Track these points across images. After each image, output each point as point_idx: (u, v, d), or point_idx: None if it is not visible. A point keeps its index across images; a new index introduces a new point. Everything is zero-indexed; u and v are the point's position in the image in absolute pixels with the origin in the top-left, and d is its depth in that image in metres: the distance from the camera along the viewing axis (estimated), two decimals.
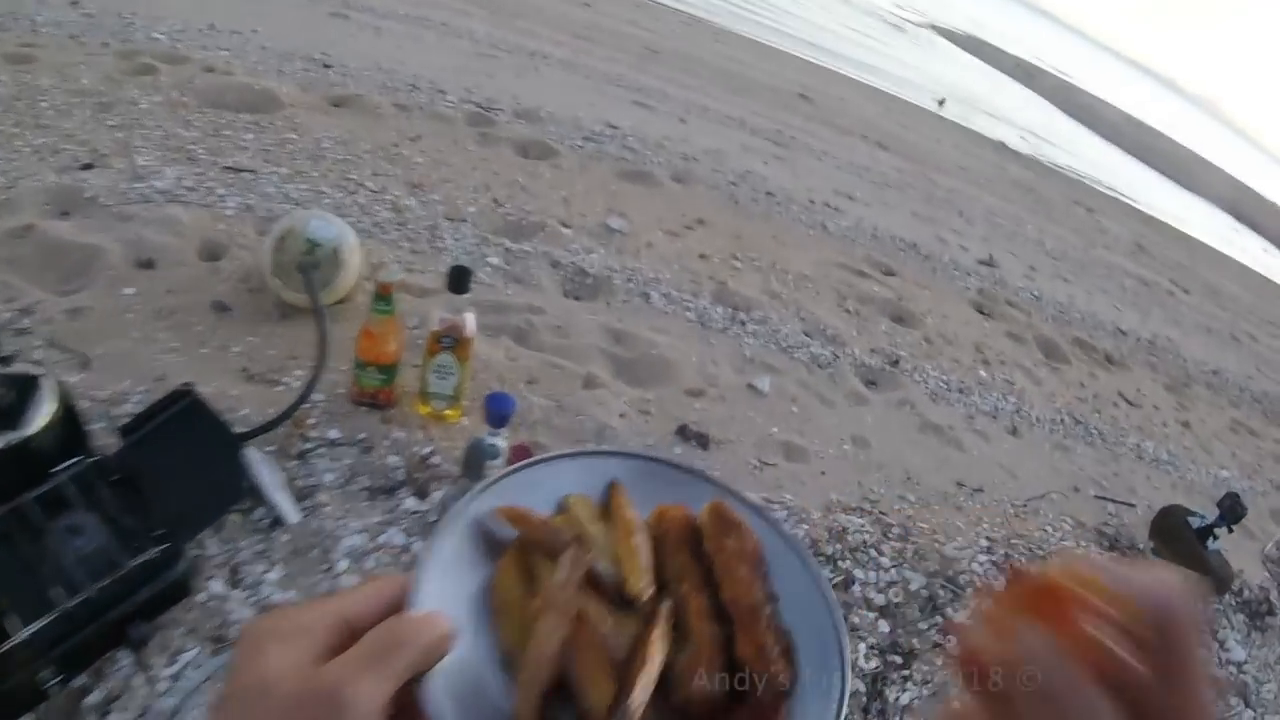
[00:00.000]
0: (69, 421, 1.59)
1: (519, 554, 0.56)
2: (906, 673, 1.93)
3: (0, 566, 1.38)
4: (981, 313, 3.86)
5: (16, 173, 2.52)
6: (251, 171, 2.83)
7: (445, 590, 0.51)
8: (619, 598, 0.56)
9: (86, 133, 2.77)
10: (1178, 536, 2.61)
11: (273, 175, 2.85)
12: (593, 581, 0.56)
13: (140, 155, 2.72)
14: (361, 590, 0.48)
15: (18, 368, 1.55)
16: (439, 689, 0.46)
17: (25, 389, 1.52)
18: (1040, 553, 2.42)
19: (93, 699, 1.44)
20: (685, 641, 0.55)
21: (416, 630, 0.45)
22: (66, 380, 1.87)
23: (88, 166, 2.62)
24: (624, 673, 0.51)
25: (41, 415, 1.51)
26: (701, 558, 0.59)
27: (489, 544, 0.56)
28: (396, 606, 0.48)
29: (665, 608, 0.56)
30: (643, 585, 0.56)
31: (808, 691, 0.54)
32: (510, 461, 1.74)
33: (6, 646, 1.35)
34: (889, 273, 3.83)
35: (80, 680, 1.45)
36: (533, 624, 0.51)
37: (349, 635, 0.45)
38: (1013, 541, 2.42)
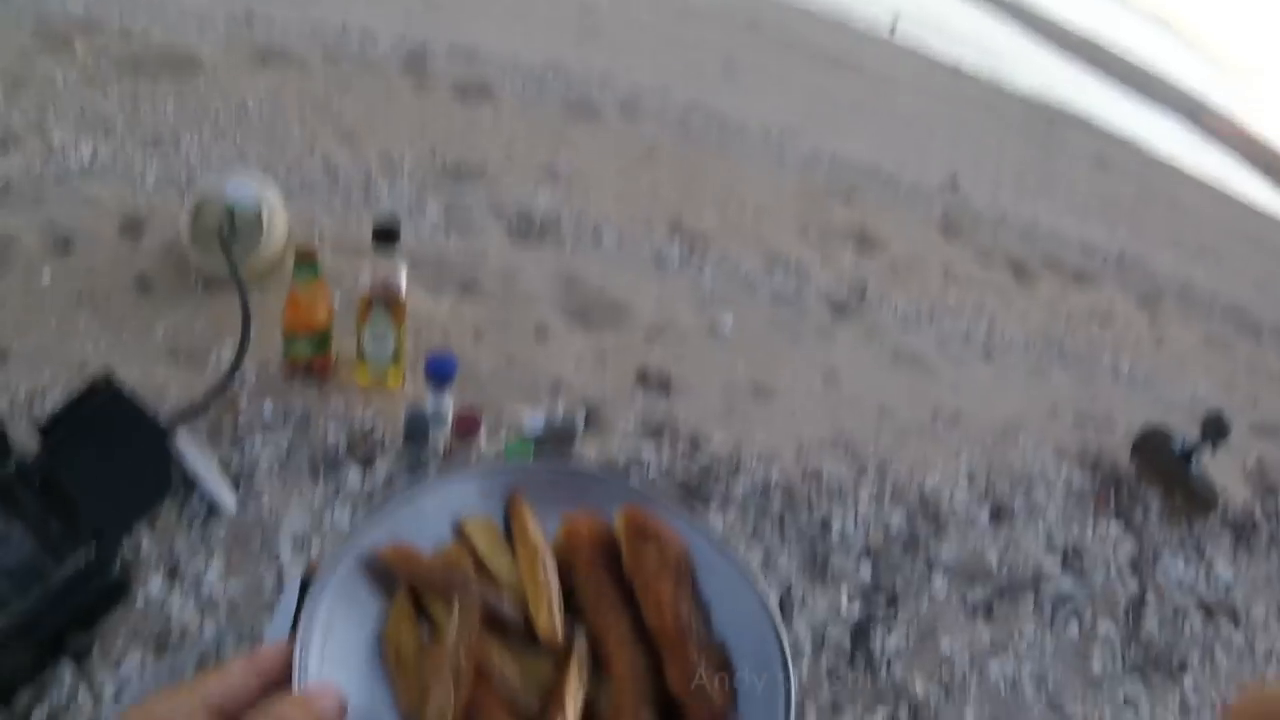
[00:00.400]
0: None
1: (411, 597, 0.51)
2: (892, 616, 1.85)
3: None
4: (947, 235, 3.75)
5: None
6: (172, 139, 2.68)
7: (333, 648, 0.47)
8: (527, 635, 0.51)
9: None
10: (1160, 458, 2.53)
11: (194, 140, 2.71)
12: (494, 620, 0.51)
13: (56, 132, 2.58)
14: (234, 668, 0.45)
15: None
16: None
17: None
18: (1022, 483, 2.34)
19: (37, 716, 1.35)
20: (606, 676, 0.51)
21: (296, 711, 0.42)
22: None
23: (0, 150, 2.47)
24: None
25: None
26: (620, 576, 0.54)
27: (380, 578, 0.51)
28: (275, 679, 0.45)
29: (579, 646, 0.51)
30: (552, 624, 0.51)
31: (752, 705, 0.51)
32: (456, 429, 1.63)
33: None
34: (850, 199, 3.70)
35: (21, 699, 1.36)
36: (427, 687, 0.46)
37: None
38: (993, 472, 2.35)
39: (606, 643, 0.52)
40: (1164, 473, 2.52)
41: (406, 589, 0.51)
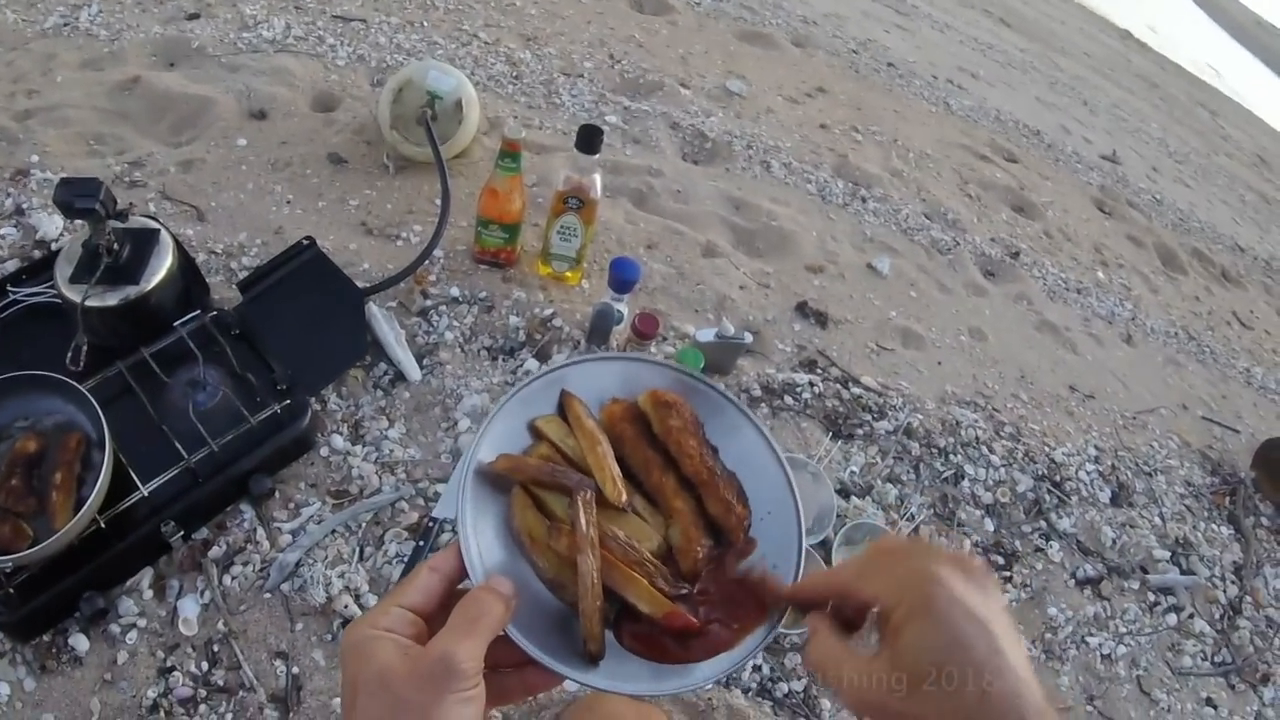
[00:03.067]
0: (188, 275, 1.59)
1: (525, 491, 0.66)
2: (1008, 574, 1.92)
3: (122, 421, 1.38)
4: (1102, 211, 3.67)
5: (120, 24, 2.49)
6: (362, 21, 2.77)
7: (483, 544, 0.62)
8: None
9: None
10: None
11: (383, 25, 2.79)
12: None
13: (247, 4, 2.68)
14: (420, 578, 0.59)
15: (135, 221, 1.53)
16: (515, 623, 0.58)
17: (143, 242, 1.51)
18: (1145, 470, 2.36)
19: (215, 552, 1.47)
20: (671, 518, 0.68)
21: (490, 600, 0.56)
22: (182, 233, 1.87)
23: (193, 17, 2.59)
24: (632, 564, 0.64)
25: (160, 269, 1.50)
26: (654, 441, 0.70)
27: (495, 483, 0.66)
28: (454, 577, 0.60)
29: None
30: (616, 489, 0.66)
31: (764, 512, 0.68)
32: (636, 329, 1.71)
33: (129, 501, 1.37)
34: (1011, 159, 3.65)
35: (203, 534, 1.48)
36: (568, 559, 0.62)
37: (422, 628, 0.56)
38: (1120, 454, 2.36)
39: (664, 495, 0.68)
40: None
41: (520, 487, 0.66)
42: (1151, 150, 4.90)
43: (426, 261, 1.92)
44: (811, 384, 2.06)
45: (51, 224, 1.85)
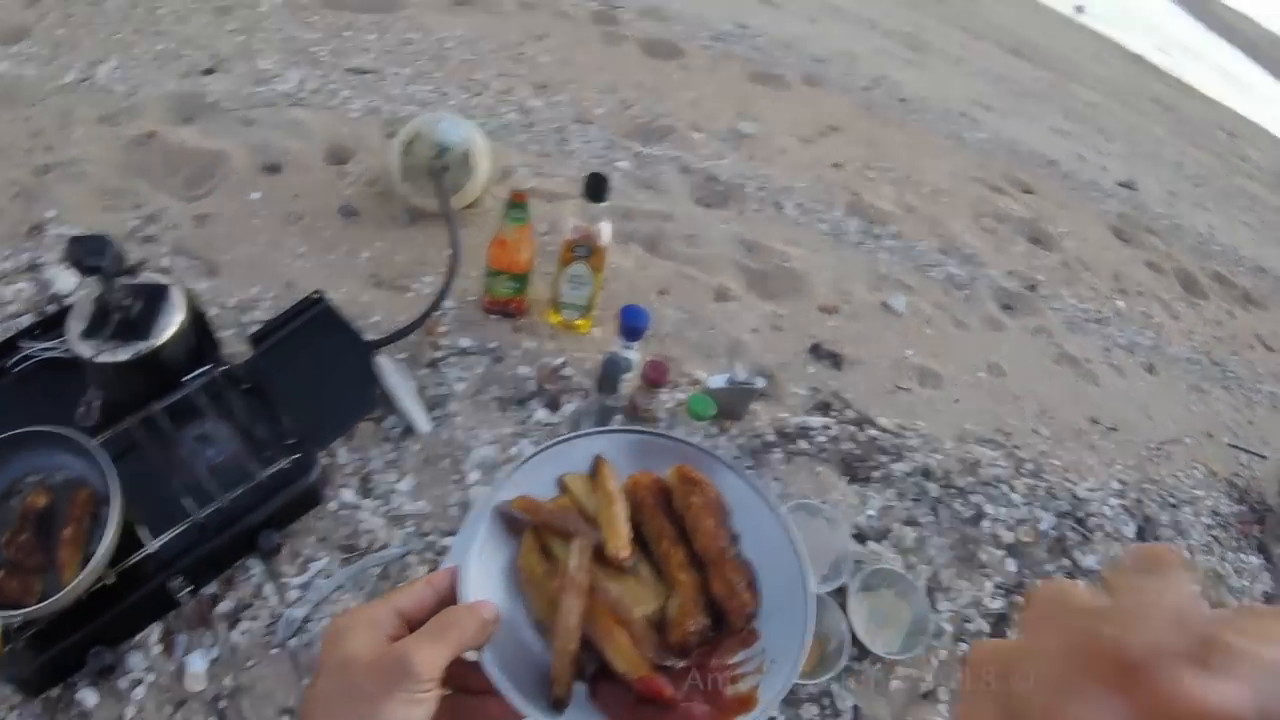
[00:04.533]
0: (198, 330, 1.60)
1: (535, 535, 0.68)
2: None
3: (132, 476, 1.38)
4: (1121, 238, 3.64)
5: (136, 80, 2.53)
6: (375, 73, 2.80)
7: (484, 573, 0.65)
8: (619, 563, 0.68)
9: (206, 38, 2.77)
10: None
11: (397, 76, 2.82)
12: (599, 552, 0.67)
13: (262, 59, 2.72)
14: (416, 587, 0.61)
15: (146, 277, 1.54)
16: (491, 651, 0.59)
17: (154, 298, 1.52)
18: (1170, 502, 2.33)
19: (223, 607, 1.47)
20: (673, 590, 0.68)
21: (467, 616, 0.58)
22: (195, 287, 1.88)
23: (209, 71, 2.63)
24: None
25: (171, 325, 1.51)
26: (673, 515, 0.70)
27: (510, 523, 0.69)
28: (447, 596, 0.61)
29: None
30: (618, 547, 0.67)
31: (776, 609, 0.67)
32: (646, 376, 1.71)
33: (138, 557, 1.38)
34: (1027, 190, 3.62)
35: (211, 589, 1.48)
36: (557, 600, 0.63)
37: (406, 627, 0.58)
38: (1145, 486, 2.33)
39: (670, 566, 0.68)
40: None
41: (532, 530, 0.68)
42: (1169, 174, 4.86)
43: (437, 312, 1.93)
44: (826, 427, 2.05)
45: (66, 279, 1.87)
